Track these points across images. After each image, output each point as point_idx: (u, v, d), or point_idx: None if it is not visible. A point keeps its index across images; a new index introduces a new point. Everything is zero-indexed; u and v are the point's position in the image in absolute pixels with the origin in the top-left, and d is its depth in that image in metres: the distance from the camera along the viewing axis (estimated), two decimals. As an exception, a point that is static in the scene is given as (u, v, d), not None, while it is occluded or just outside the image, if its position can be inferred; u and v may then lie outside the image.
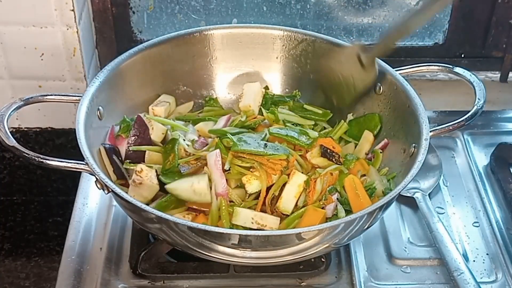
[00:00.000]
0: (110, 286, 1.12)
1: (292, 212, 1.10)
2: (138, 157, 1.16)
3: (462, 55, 1.55)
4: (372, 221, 1.05)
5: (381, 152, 1.19)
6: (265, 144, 1.12)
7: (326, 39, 1.28)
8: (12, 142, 1.04)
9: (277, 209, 1.10)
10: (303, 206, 1.10)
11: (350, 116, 1.26)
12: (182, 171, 1.11)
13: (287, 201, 1.10)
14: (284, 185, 1.10)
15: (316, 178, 1.11)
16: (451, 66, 1.22)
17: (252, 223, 1.06)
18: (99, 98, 1.14)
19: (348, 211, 1.10)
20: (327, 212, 1.09)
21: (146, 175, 1.09)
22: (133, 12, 1.49)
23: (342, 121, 1.25)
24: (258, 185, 1.10)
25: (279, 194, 1.10)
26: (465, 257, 1.18)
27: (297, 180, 1.10)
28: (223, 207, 1.07)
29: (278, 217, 1.08)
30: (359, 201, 1.10)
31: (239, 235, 0.97)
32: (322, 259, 1.15)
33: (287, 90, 1.34)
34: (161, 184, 1.10)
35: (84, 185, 1.30)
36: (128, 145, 1.16)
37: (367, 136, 1.22)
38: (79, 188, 1.30)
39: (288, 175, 1.11)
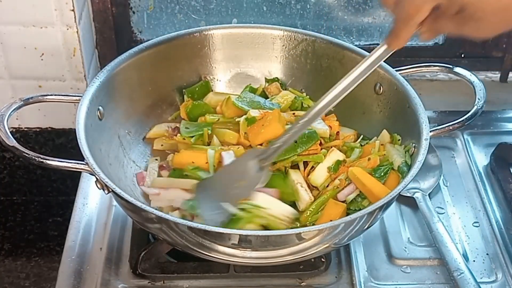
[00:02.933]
0: (110, 286, 1.12)
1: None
2: None
3: (462, 55, 1.55)
4: (372, 221, 1.06)
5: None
6: (295, 141, 1.12)
7: (326, 39, 1.28)
8: (12, 142, 1.04)
9: (308, 181, 1.14)
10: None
11: None
12: None
13: (319, 175, 1.15)
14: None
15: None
16: (451, 66, 1.22)
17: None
18: (99, 98, 1.14)
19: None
20: (339, 196, 1.12)
21: None
22: (133, 12, 1.49)
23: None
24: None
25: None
26: (465, 257, 1.18)
27: (334, 157, 1.15)
28: None
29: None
30: (370, 191, 1.11)
31: (239, 235, 0.97)
32: (322, 259, 1.15)
33: (287, 90, 1.34)
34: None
35: (84, 185, 1.30)
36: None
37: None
38: (79, 188, 1.30)
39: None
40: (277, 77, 1.33)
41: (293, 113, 1.24)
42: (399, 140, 1.18)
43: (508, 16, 0.85)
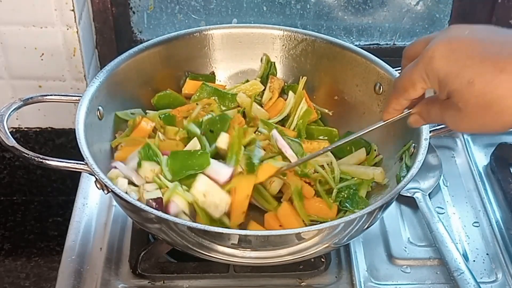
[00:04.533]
0: (110, 286, 1.13)
1: None
2: None
3: (462, 55, 1.55)
4: (372, 221, 1.05)
5: None
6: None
7: (326, 39, 1.28)
8: (12, 142, 1.04)
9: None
10: None
11: None
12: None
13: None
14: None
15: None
16: (451, 66, 1.22)
17: None
18: (99, 98, 1.14)
19: None
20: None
21: None
22: (133, 12, 1.49)
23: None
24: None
25: None
26: (465, 257, 1.18)
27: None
28: None
29: None
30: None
31: (239, 235, 0.97)
32: (322, 259, 1.15)
33: (287, 90, 1.34)
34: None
35: (84, 185, 1.30)
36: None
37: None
38: (79, 188, 1.30)
39: None
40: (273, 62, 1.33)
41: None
42: (376, 157, 1.20)
43: (488, 116, 0.83)
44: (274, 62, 1.32)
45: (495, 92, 0.81)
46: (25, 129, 1.51)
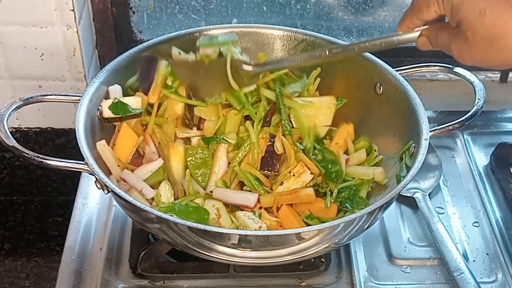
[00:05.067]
0: (110, 286, 1.12)
1: None
2: None
3: (462, 55, 1.54)
4: (372, 221, 1.05)
5: None
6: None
7: (326, 39, 1.28)
8: (12, 142, 1.04)
9: None
10: None
11: None
12: None
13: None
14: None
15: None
16: (451, 66, 1.22)
17: None
18: (99, 98, 1.14)
19: None
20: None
21: None
22: (133, 12, 1.49)
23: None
24: None
25: None
26: (465, 257, 1.18)
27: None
28: None
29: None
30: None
31: (239, 235, 0.97)
32: (322, 259, 1.15)
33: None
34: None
35: (84, 185, 1.30)
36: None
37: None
38: (79, 188, 1.30)
39: None
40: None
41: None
42: (376, 157, 1.19)
43: (492, 50, 0.87)
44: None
45: (504, 27, 0.84)
46: (25, 129, 1.51)
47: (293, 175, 1.13)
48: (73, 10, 1.33)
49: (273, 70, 1.17)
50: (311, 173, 1.13)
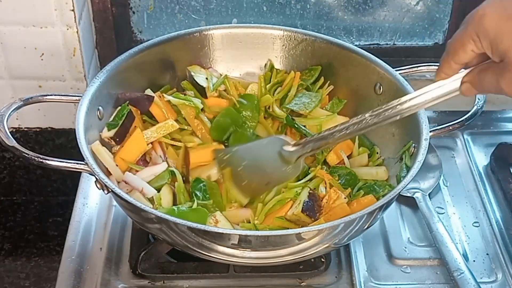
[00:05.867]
0: (110, 286, 1.13)
1: None
2: None
3: (462, 55, 1.54)
4: (372, 221, 1.05)
5: None
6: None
7: (326, 39, 1.28)
8: (12, 142, 1.04)
9: None
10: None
11: None
12: None
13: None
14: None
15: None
16: (451, 66, 1.22)
17: None
18: (99, 98, 1.14)
19: None
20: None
21: None
22: (133, 12, 1.49)
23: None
24: None
25: None
26: (465, 257, 1.18)
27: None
28: None
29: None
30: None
31: (239, 235, 0.97)
32: (322, 259, 1.15)
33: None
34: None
35: (84, 185, 1.30)
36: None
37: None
38: (79, 188, 1.30)
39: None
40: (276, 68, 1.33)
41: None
42: (377, 159, 1.20)
43: None
44: (278, 69, 1.32)
45: None
46: (25, 129, 1.51)
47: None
48: (73, 10, 1.33)
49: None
50: (345, 198, 1.11)
